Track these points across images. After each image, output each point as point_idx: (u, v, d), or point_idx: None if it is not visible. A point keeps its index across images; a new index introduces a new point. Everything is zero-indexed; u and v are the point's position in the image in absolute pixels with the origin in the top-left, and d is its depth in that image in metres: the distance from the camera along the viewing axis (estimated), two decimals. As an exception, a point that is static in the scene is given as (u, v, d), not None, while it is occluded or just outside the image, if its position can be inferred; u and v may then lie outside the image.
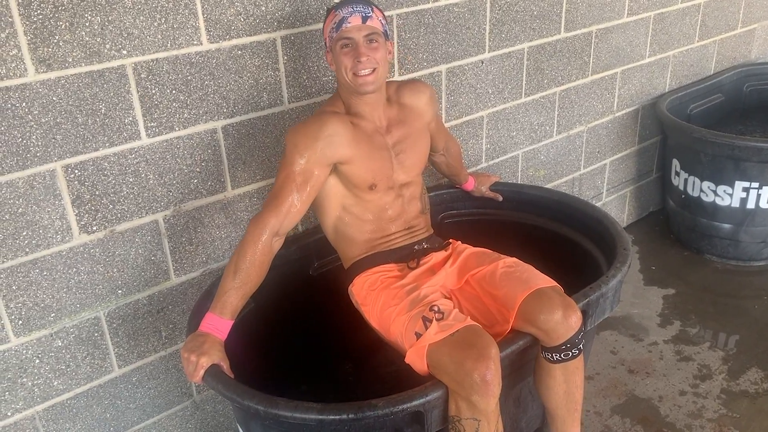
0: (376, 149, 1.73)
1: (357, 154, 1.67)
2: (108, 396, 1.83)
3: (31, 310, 1.63)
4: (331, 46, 1.66)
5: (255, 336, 1.85)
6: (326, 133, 1.62)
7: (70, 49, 1.50)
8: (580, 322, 1.59)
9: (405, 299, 1.65)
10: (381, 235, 1.80)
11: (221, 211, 1.87)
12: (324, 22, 1.68)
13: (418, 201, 1.88)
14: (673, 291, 2.86)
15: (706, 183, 2.91)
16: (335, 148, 1.63)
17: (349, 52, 1.62)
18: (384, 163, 1.74)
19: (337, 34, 1.62)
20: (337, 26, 1.61)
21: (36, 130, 1.51)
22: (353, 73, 1.63)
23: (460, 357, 1.42)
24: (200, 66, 1.70)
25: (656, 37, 3.01)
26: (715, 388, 2.30)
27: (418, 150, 1.84)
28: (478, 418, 1.41)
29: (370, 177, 1.71)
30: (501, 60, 2.42)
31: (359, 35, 1.61)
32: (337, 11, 1.62)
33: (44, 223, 1.58)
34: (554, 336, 1.57)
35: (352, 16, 1.61)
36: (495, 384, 1.41)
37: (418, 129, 1.84)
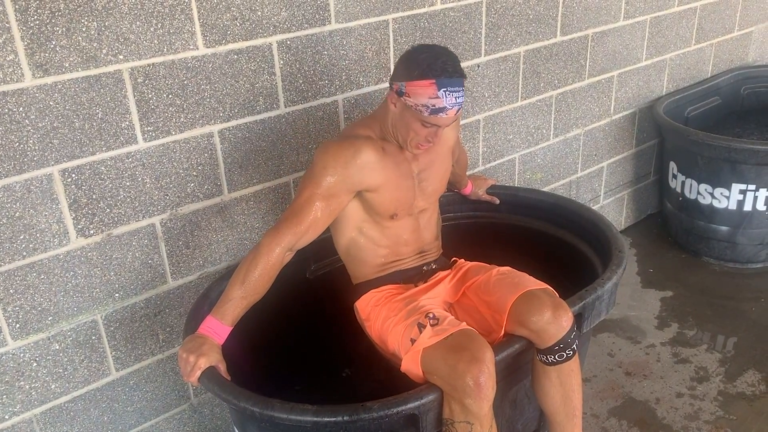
0: (402, 179, 1.69)
1: (384, 183, 1.64)
2: (105, 399, 1.83)
3: (29, 313, 1.63)
4: (410, 106, 1.53)
5: (251, 338, 1.85)
6: (359, 162, 1.58)
7: (66, 54, 1.51)
8: (571, 322, 1.59)
9: (403, 310, 1.67)
10: (394, 258, 1.80)
11: (218, 214, 1.88)
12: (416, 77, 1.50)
13: (434, 226, 1.88)
14: (671, 293, 2.87)
15: (703, 185, 2.92)
16: (364, 176, 1.60)
17: (427, 131, 1.57)
18: (407, 192, 1.71)
19: (427, 116, 1.52)
20: (433, 111, 1.51)
21: (33, 134, 1.52)
22: (417, 144, 1.61)
23: (453, 360, 1.43)
24: (196, 70, 1.71)
25: (653, 41, 3.02)
26: (712, 390, 2.30)
27: (439, 176, 1.81)
28: (471, 422, 1.41)
29: (393, 207, 1.69)
30: (497, 64, 2.43)
31: (447, 124, 1.57)
32: (440, 94, 1.48)
33: (41, 226, 1.59)
34: (546, 337, 1.57)
35: (452, 108, 1.52)
36: (488, 387, 1.41)
37: (443, 154, 1.81)
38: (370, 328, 1.77)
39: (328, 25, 1.92)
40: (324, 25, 1.91)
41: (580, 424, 1.73)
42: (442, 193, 1.86)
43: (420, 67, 1.50)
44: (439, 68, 1.50)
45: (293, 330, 2.00)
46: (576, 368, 1.67)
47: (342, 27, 1.95)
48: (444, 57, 1.53)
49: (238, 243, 1.95)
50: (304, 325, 2.01)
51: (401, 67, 1.56)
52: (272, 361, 1.96)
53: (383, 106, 1.66)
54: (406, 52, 1.59)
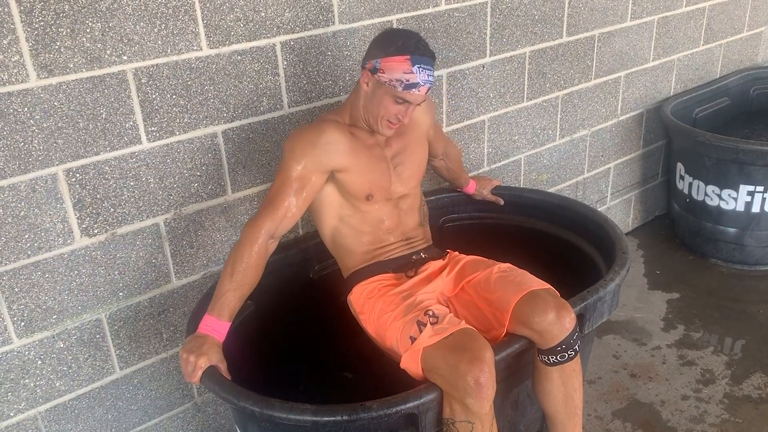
0: (374, 160, 1.74)
1: (354, 163, 1.69)
2: (109, 397, 1.85)
3: (34, 311, 1.65)
4: (382, 83, 1.61)
5: (255, 338, 1.86)
6: (324, 141, 1.63)
7: (71, 55, 1.52)
8: (574, 323, 1.59)
9: (400, 305, 1.66)
10: (379, 245, 1.81)
11: (222, 214, 1.89)
12: (390, 53, 1.58)
13: (416, 213, 1.89)
14: (678, 295, 2.85)
15: (711, 187, 2.90)
16: (332, 155, 1.64)
17: (398, 108, 1.64)
18: (381, 175, 1.76)
19: (401, 91, 1.60)
20: (406, 86, 1.59)
21: (38, 134, 1.53)
22: (388, 122, 1.67)
23: (454, 360, 1.43)
24: (200, 71, 1.72)
25: (660, 41, 3.00)
26: (717, 393, 2.28)
27: (416, 161, 1.85)
28: (471, 421, 1.41)
29: (367, 187, 1.73)
30: (502, 64, 2.42)
31: (417, 101, 1.64)
32: (414, 69, 1.57)
33: (46, 226, 1.61)
34: (548, 337, 1.57)
35: (424, 85, 1.60)
36: (489, 387, 1.41)
37: (416, 139, 1.86)
38: (365, 321, 1.77)
39: (331, 25, 1.92)
40: (328, 26, 1.92)
41: (580, 423, 1.73)
42: (420, 178, 1.88)
43: (395, 44, 1.59)
44: (413, 45, 1.59)
45: (296, 330, 2.01)
46: (578, 368, 1.67)
47: (346, 28, 1.96)
48: (417, 37, 1.63)
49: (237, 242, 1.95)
50: (307, 325, 2.02)
51: (375, 47, 1.63)
52: (275, 362, 1.97)
53: (353, 94, 1.72)
54: (379, 34, 1.67)
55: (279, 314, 1.96)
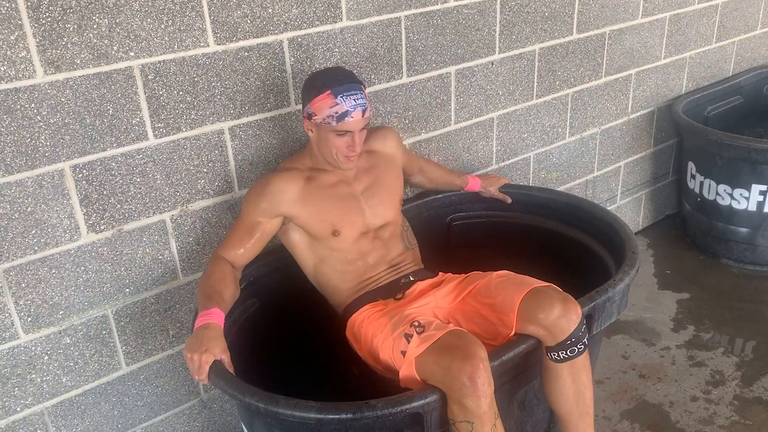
0: (337, 199, 1.78)
1: (307, 206, 1.74)
2: (116, 393, 1.85)
3: (40, 307, 1.65)
4: (320, 124, 1.67)
5: (260, 335, 1.86)
6: (269, 191, 1.72)
7: (78, 51, 1.52)
8: (580, 315, 1.59)
9: (388, 324, 1.67)
10: (364, 278, 1.83)
11: (228, 211, 1.89)
12: (314, 95, 1.65)
13: (399, 240, 1.91)
14: (688, 295, 2.82)
15: (722, 186, 2.87)
16: (276, 203, 1.72)
17: (344, 140, 1.69)
18: (349, 211, 1.79)
19: (336, 125, 1.66)
20: (338, 118, 1.64)
21: (45, 130, 1.53)
22: (344, 156, 1.72)
23: (446, 361, 1.43)
24: (207, 67, 1.72)
25: (672, 39, 2.97)
26: (727, 394, 2.26)
27: (389, 192, 1.89)
28: (470, 420, 1.40)
29: (328, 225, 1.76)
30: (511, 61, 2.41)
31: (357, 128, 1.68)
32: (338, 100, 1.63)
33: (53, 222, 1.61)
34: (556, 332, 1.56)
35: (355, 111, 1.65)
36: (484, 384, 1.40)
37: (386, 170, 1.90)
38: (360, 350, 1.78)
39: (339, 22, 1.91)
40: (335, 22, 1.91)
41: (592, 422, 1.71)
42: (397, 207, 1.91)
43: (315, 85, 1.67)
44: (331, 80, 1.66)
45: (302, 327, 2.00)
46: (587, 364, 1.65)
47: (353, 24, 1.95)
48: (334, 71, 1.72)
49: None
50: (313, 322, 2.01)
51: (303, 94, 1.71)
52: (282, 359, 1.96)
53: (311, 139, 1.77)
54: (305, 81, 1.73)
55: (284, 311, 1.96)
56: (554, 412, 1.72)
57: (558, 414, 1.71)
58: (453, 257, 2.32)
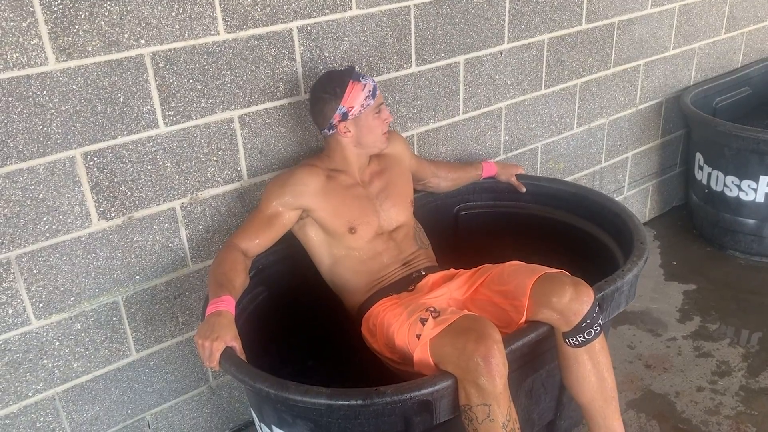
0: (354, 198, 1.83)
1: (327, 201, 1.78)
2: (126, 379, 1.87)
3: (52, 293, 1.67)
4: (359, 114, 1.76)
5: (268, 324, 1.87)
6: (292, 182, 1.76)
7: (89, 38, 1.53)
8: (592, 297, 1.60)
9: (404, 312, 1.68)
10: (378, 276, 1.86)
11: (238, 199, 1.90)
12: (342, 92, 1.72)
13: (412, 240, 1.94)
14: (695, 286, 2.83)
15: (730, 177, 2.86)
16: (299, 195, 1.76)
17: (381, 116, 1.81)
18: (364, 212, 1.83)
19: (374, 101, 1.77)
20: (373, 94, 1.76)
21: (56, 117, 1.54)
22: (384, 134, 1.83)
23: (461, 343, 1.44)
24: (217, 56, 1.72)
25: (681, 29, 2.96)
26: (733, 385, 2.26)
27: (401, 194, 1.94)
28: (488, 403, 1.41)
29: (345, 221, 1.80)
30: (520, 51, 2.40)
31: (382, 99, 1.82)
32: (362, 80, 1.74)
33: (64, 209, 1.62)
34: (569, 315, 1.57)
35: (374, 84, 1.77)
36: (499, 364, 1.41)
37: (399, 174, 1.96)
38: (376, 344, 1.78)
39: (348, 11, 1.91)
40: (345, 11, 1.90)
41: (618, 408, 1.70)
42: (408, 209, 1.96)
43: (334, 88, 1.73)
44: (341, 74, 1.76)
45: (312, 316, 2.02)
46: (605, 346, 1.66)
47: (363, 13, 1.94)
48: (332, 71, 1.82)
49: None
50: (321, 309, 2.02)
51: (325, 104, 1.75)
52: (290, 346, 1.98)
53: (328, 147, 1.85)
54: (312, 99, 1.80)
55: (292, 300, 1.97)
56: (578, 403, 1.71)
57: (581, 403, 1.70)
58: (461, 247, 2.33)
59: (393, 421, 1.45)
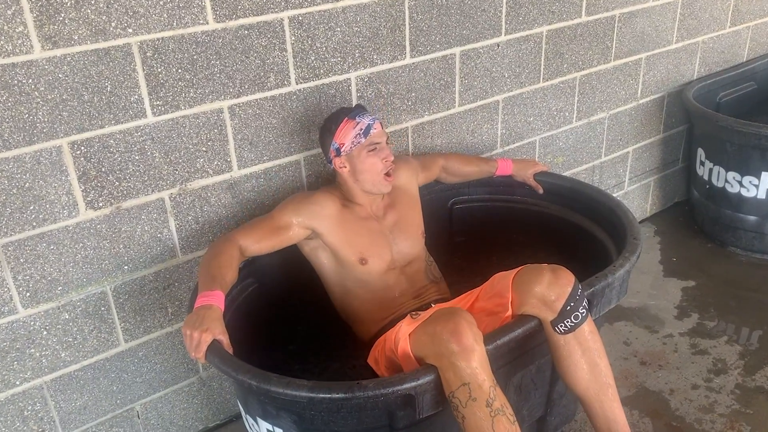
0: (366, 229, 1.85)
1: (339, 227, 1.80)
2: (114, 369, 1.87)
3: (39, 282, 1.67)
4: (350, 151, 1.79)
5: (257, 316, 1.86)
6: (310, 201, 1.80)
7: (75, 26, 1.52)
8: (572, 279, 1.59)
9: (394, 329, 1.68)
10: (389, 309, 1.85)
11: (228, 190, 1.89)
12: (335, 129, 1.78)
13: (423, 274, 1.94)
14: (694, 283, 2.80)
15: (732, 173, 2.83)
16: (314, 216, 1.78)
17: (378, 154, 1.80)
18: (376, 244, 1.85)
19: (366, 139, 1.78)
20: (365, 132, 1.78)
21: (42, 106, 1.53)
22: (384, 174, 1.81)
23: (433, 328, 1.46)
24: (206, 45, 1.71)
25: (684, 23, 2.92)
26: (729, 383, 2.24)
27: (413, 227, 1.95)
28: (465, 381, 1.39)
29: (356, 252, 1.81)
30: (518, 43, 2.37)
31: (383, 140, 1.82)
32: (357, 119, 1.78)
33: (51, 198, 1.61)
34: (552, 299, 1.56)
35: (374, 123, 1.79)
36: (468, 338, 1.41)
37: (410, 206, 1.98)
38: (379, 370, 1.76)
39: (341, 0, 1.89)
40: (337, 0, 1.88)
41: (616, 394, 1.67)
42: (421, 243, 1.96)
43: (332, 123, 1.80)
44: (342, 113, 1.81)
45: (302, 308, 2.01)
46: (594, 331, 1.64)
47: (356, 3, 1.92)
48: (339, 109, 1.85)
49: (248, 220, 1.95)
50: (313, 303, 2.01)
51: (323, 139, 1.83)
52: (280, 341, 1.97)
53: (336, 179, 1.89)
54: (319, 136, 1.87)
55: (282, 293, 1.96)
56: (575, 394, 1.68)
57: (578, 394, 1.66)
58: (454, 241, 2.31)
59: (376, 415, 1.44)
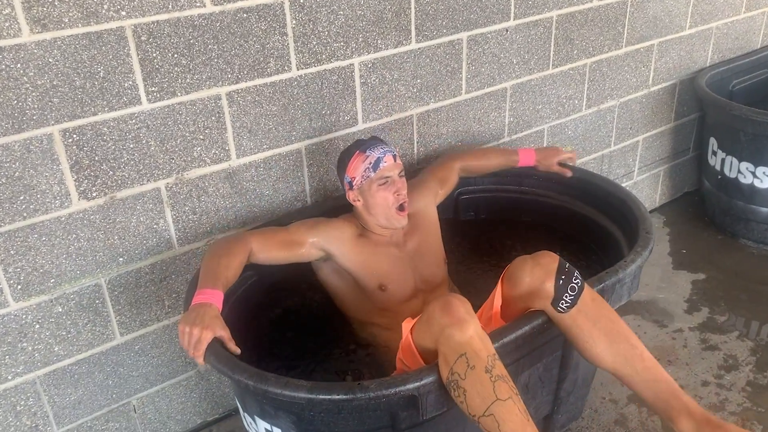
0: (385, 256, 1.80)
1: (354, 254, 1.76)
2: (110, 363, 1.82)
3: (30, 275, 1.61)
4: (361, 185, 1.75)
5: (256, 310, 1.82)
6: (327, 224, 1.77)
7: (66, 9, 1.45)
8: (553, 258, 1.53)
9: None
10: None
11: (226, 180, 1.83)
12: (347, 162, 1.76)
13: None
14: (704, 276, 2.73)
15: (745, 164, 2.75)
16: (329, 238, 1.75)
17: (389, 188, 1.75)
18: (397, 271, 1.80)
19: (375, 174, 1.73)
20: (374, 166, 1.73)
21: (32, 92, 1.47)
22: (396, 209, 1.77)
23: (427, 314, 1.42)
24: (203, 29, 1.64)
25: (698, 8, 2.83)
26: (740, 380, 2.18)
27: (435, 253, 1.90)
28: (462, 351, 1.33)
29: (375, 277, 1.77)
30: (527, 28, 2.29)
31: (395, 173, 1.76)
32: (368, 152, 1.74)
33: (42, 187, 1.56)
34: (541, 280, 1.50)
35: (385, 156, 1.74)
36: (459, 309, 1.37)
37: (429, 230, 1.92)
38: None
39: (344, -17, 1.82)
40: (340, -17, 1.81)
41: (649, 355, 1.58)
42: (443, 269, 1.90)
43: (346, 157, 1.78)
44: (356, 145, 1.78)
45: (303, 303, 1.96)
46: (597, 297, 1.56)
47: (359, -14, 1.85)
48: (356, 141, 1.82)
49: (247, 210, 1.89)
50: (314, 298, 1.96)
51: (339, 173, 1.82)
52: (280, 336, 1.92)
53: (354, 210, 1.84)
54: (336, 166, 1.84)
55: (283, 286, 1.91)
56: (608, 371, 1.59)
57: (609, 370, 1.57)
58: (460, 234, 2.24)
59: (378, 416, 1.39)
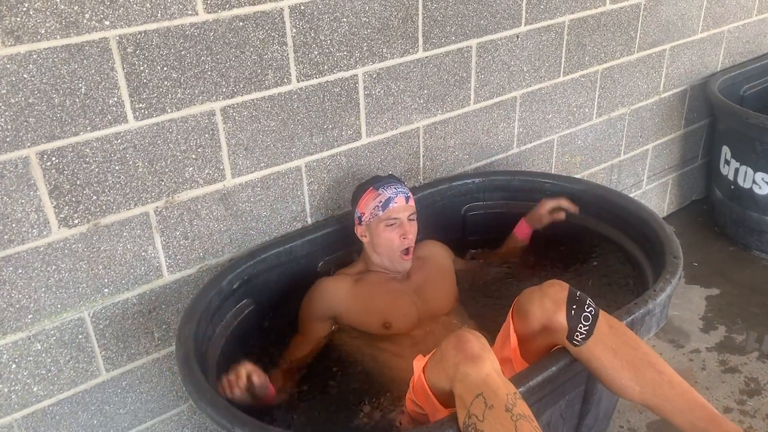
0: (384, 293, 1.76)
1: (354, 305, 1.73)
2: (95, 401, 1.67)
3: (5, 311, 1.46)
4: (369, 222, 1.75)
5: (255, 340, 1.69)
6: (316, 296, 1.75)
7: (42, 18, 1.30)
8: (564, 285, 1.41)
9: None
10: None
11: (220, 202, 1.68)
12: (360, 197, 1.76)
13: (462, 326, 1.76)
14: (718, 291, 2.63)
15: (761, 174, 2.64)
16: (327, 305, 1.74)
17: (395, 230, 1.74)
18: (399, 303, 1.76)
19: (383, 213, 1.72)
20: (384, 206, 1.72)
21: (4, 111, 1.32)
22: (400, 252, 1.75)
23: (440, 352, 1.30)
24: (196, 39, 1.49)
25: (711, 10, 2.72)
26: (764, 405, 2.07)
27: (444, 287, 1.85)
28: (479, 391, 1.21)
29: (378, 318, 1.72)
30: (538, 34, 2.17)
31: (404, 215, 1.74)
32: (380, 190, 1.73)
33: (17, 216, 1.41)
34: (552, 313, 1.37)
35: (397, 196, 1.72)
36: (473, 346, 1.25)
37: (438, 270, 1.87)
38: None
39: (348, -12, 1.68)
40: (344, -12, 1.67)
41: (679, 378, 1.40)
42: (450, 303, 1.83)
43: (359, 192, 1.78)
44: (371, 182, 1.78)
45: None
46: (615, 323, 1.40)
47: (364, -9, 1.71)
48: (374, 177, 1.82)
49: (243, 233, 1.75)
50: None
51: (352, 206, 1.80)
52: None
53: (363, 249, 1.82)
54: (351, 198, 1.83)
55: (282, 312, 1.78)
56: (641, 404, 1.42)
57: (639, 402, 1.41)
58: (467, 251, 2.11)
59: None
